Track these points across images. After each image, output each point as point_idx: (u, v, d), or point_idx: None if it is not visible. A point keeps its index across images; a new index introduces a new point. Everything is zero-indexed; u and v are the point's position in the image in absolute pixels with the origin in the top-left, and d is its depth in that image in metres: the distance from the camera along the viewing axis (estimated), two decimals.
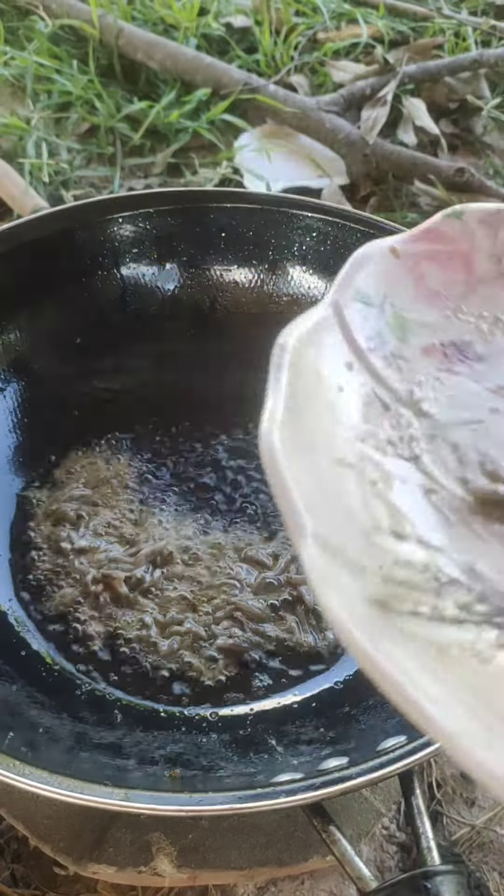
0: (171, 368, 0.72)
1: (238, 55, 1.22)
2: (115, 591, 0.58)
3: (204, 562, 0.60)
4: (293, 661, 0.56)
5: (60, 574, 0.59)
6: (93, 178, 1.07)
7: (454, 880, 0.38)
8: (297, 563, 0.60)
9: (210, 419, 0.70)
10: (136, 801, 0.39)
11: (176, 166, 1.10)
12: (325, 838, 0.41)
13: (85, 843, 0.50)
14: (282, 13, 1.25)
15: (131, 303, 0.72)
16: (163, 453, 0.67)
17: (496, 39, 1.26)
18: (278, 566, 0.59)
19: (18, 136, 1.09)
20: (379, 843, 0.57)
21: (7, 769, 0.39)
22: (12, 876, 0.55)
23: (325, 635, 0.57)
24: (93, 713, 0.51)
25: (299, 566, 0.60)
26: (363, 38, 1.24)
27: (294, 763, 0.46)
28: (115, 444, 0.68)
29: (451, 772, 0.61)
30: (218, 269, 0.72)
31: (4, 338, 0.67)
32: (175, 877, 0.50)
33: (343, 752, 0.44)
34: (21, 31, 1.26)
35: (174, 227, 0.71)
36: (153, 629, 0.56)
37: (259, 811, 0.39)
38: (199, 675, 0.54)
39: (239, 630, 0.56)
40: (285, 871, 0.51)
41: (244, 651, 0.55)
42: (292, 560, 0.60)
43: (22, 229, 0.67)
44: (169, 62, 1.14)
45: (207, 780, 0.45)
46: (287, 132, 1.13)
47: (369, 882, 0.39)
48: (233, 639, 0.56)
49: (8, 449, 0.65)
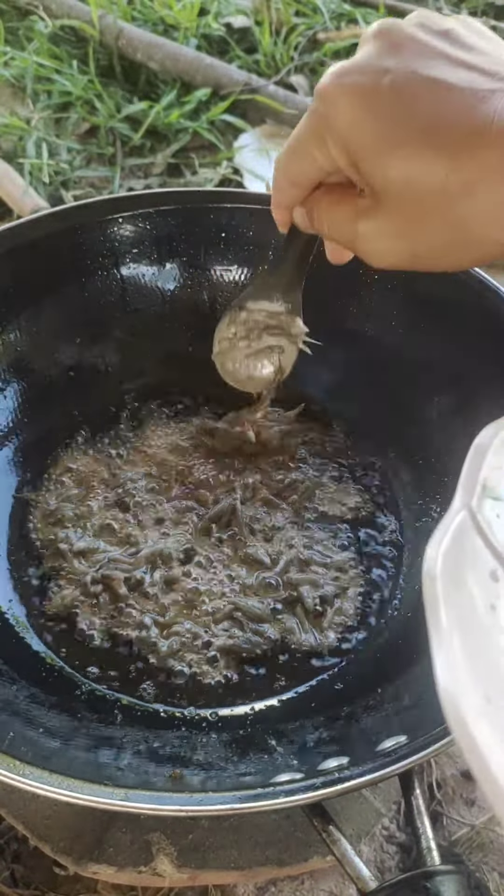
0: (171, 369, 0.72)
1: (238, 55, 1.22)
2: (115, 591, 0.58)
3: (203, 563, 0.60)
4: (293, 661, 0.55)
5: (60, 575, 0.59)
6: (93, 179, 1.07)
7: (454, 880, 0.38)
8: (296, 564, 0.60)
9: (210, 419, 0.70)
10: (136, 801, 0.39)
11: (176, 166, 1.10)
12: (325, 838, 0.41)
13: (85, 843, 0.50)
14: (282, 13, 1.26)
15: (131, 303, 0.72)
16: (164, 454, 0.67)
17: None
18: (278, 566, 0.59)
19: (18, 136, 1.09)
20: (379, 843, 0.57)
21: (7, 769, 0.39)
22: (12, 876, 0.55)
23: (326, 635, 0.57)
24: (93, 713, 0.51)
25: (299, 566, 0.60)
26: None
27: (294, 763, 0.46)
28: (114, 445, 0.68)
29: (451, 772, 0.61)
30: (218, 269, 0.72)
31: (4, 338, 0.67)
32: (175, 877, 0.50)
33: (343, 752, 0.44)
34: (21, 31, 1.26)
35: (174, 227, 0.71)
36: (153, 630, 0.56)
37: (259, 811, 0.39)
38: (198, 676, 0.54)
39: (238, 630, 0.56)
40: (285, 871, 0.51)
41: (244, 651, 0.55)
42: (292, 560, 0.60)
43: (22, 229, 0.67)
44: (169, 62, 1.15)
45: (207, 780, 0.45)
46: (287, 132, 1.13)
47: (369, 882, 0.39)
48: (232, 639, 0.56)
49: (8, 449, 0.66)
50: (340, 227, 0.41)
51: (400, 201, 0.36)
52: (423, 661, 0.53)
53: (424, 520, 0.63)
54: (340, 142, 0.37)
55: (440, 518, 0.30)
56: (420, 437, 0.65)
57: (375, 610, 0.59)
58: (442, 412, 0.64)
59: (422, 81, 0.34)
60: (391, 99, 0.35)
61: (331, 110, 0.37)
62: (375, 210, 0.37)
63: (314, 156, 0.40)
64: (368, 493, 0.66)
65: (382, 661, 0.55)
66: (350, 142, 0.37)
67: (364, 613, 0.58)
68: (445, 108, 0.33)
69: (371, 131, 0.35)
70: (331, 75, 0.37)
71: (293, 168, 0.42)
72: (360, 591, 0.59)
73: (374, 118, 0.35)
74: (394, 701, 0.50)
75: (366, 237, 0.39)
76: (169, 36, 1.21)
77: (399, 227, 0.37)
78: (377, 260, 0.39)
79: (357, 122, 0.36)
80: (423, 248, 0.37)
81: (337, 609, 0.58)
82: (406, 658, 0.54)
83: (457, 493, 0.31)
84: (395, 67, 0.35)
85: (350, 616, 0.58)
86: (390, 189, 0.36)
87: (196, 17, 1.24)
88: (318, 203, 0.43)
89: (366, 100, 0.35)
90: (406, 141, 0.34)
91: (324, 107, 0.37)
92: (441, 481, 0.63)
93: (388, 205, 0.36)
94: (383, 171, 0.36)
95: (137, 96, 1.16)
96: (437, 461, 0.64)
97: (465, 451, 0.33)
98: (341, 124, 0.36)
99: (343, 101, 0.36)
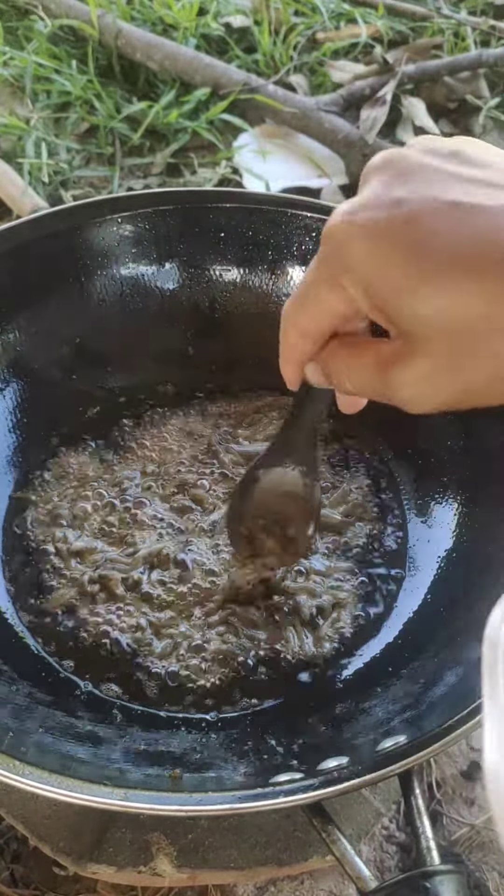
0: (170, 368, 0.72)
1: (237, 55, 1.22)
2: (112, 591, 0.58)
3: (201, 565, 0.60)
4: (292, 661, 0.55)
5: (57, 575, 0.59)
6: (92, 178, 1.07)
7: (453, 880, 0.38)
8: (293, 571, 0.60)
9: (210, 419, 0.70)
10: (136, 801, 0.39)
11: (175, 166, 1.10)
12: (324, 838, 0.41)
13: (85, 843, 0.50)
14: (281, 13, 1.25)
15: (131, 303, 0.72)
16: (163, 454, 0.67)
17: (495, 39, 1.26)
18: (275, 571, 0.59)
19: (18, 136, 1.09)
20: (379, 843, 0.57)
21: (7, 769, 0.39)
22: (12, 876, 0.55)
23: (323, 634, 0.57)
24: (92, 713, 0.51)
25: (296, 573, 0.60)
26: (362, 37, 1.24)
27: (294, 763, 0.46)
28: (113, 445, 0.68)
29: (451, 772, 0.61)
30: (218, 269, 0.72)
31: (4, 338, 0.67)
32: (175, 877, 0.50)
33: (343, 752, 0.44)
34: (20, 31, 1.26)
35: (173, 227, 0.71)
36: (149, 631, 0.56)
37: (259, 811, 0.39)
38: (198, 676, 0.54)
39: (233, 637, 0.56)
40: (285, 871, 0.51)
41: (242, 652, 0.55)
42: (289, 568, 0.59)
43: (21, 229, 0.67)
44: (168, 62, 1.14)
45: (207, 780, 0.45)
46: (286, 132, 1.13)
47: (369, 882, 0.39)
48: (226, 644, 0.56)
49: (7, 449, 0.65)
50: (367, 381, 0.37)
51: (439, 340, 0.32)
52: (423, 661, 0.53)
53: (425, 521, 0.63)
54: (361, 284, 0.34)
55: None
56: (420, 437, 0.65)
57: (375, 612, 0.59)
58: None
59: (441, 207, 0.32)
60: (411, 230, 0.32)
61: (345, 251, 0.34)
62: (411, 354, 0.34)
63: (330, 303, 0.36)
64: (367, 497, 0.65)
65: (382, 661, 0.55)
66: (372, 282, 0.33)
67: (364, 615, 0.58)
68: (473, 231, 0.31)
69: (395, 268, 0.32)
70: (339, 215, 0.34)
71: (305, 318, 0.38)
72: (360, 595, 0.59)
73: (396, 253, 0.32)
74: (393, 701, 0.50)
75: (403, 385, 0.35)
76: (168, 36, 1.21)
77: (440, 367, 0.33)
78: (420, 406, 0.35)
79: (377, 259, 0.33)
80: (471, 385, 0.33)
81: (334, 617, 0.58)
82: (406, 658, 0.54)
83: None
84: (408, 197, 0.32)
85: (348, 623, 0.58)
86: (425, 328, 0.32)
87: (195, 17, 1.24)
88: (333, 357, 0.39)
89: (383, 235, 0.32)
90: (436, 273, 0.31)
91: (336, 249, 0.34)
92: (440, 481, 0.63)
93: (426, 345, 0.33)
94: (414, 309, 0.32)
95: (136, 96, 1.16)
96: (436, 462, 0.64)
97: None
98: (359, 265, 0.33)
99: (358, 240, 0.33)
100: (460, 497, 0.62)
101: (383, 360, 0.35)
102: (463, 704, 0.42)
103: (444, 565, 0.59)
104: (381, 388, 0.36)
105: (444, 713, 0.43)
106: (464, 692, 0.45)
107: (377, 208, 0.33)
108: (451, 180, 0.32)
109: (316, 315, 0.37)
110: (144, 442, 0.68)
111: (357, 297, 0.35)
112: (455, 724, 0.41)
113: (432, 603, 0.58)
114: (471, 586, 0.56)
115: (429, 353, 0.33)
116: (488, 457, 0.61)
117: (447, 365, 0.33)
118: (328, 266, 0.35)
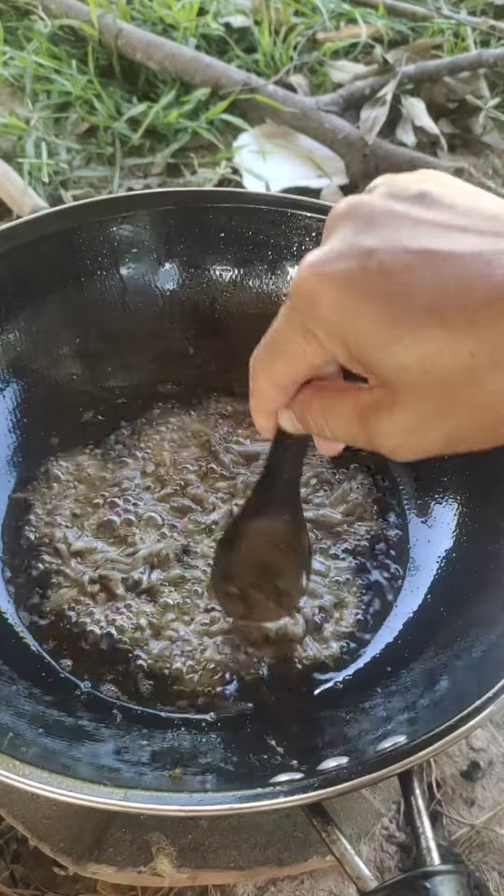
0: (170, 368, 0.72)
1: (237, 55, 1.22)
2: (112, 592, 0.58)
3: (201, 565, 0.60)
4: (292, 662, 0.55)
5: (57, 575, 0.59)
6: (92, 179, 1.07)
7: (453, 880, 0.38)
8: None
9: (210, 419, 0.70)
10: (136, 801, 0.39)
11: (175, 166, 1.10)
12: (324, 838, 0.41)
13: (85, 843, 0.50)
14: (281, 13, 1.26)
15: (131, 303, 0.72)
16: (163, 454, 0.67)
17: (495, 39, 1.26)
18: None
19: (18, 136, 1.09)
20: (379, 843, 0.57)
21: (7, 769, 0.39)
22: (12, 876, 0.55)
23: (323, 635, 0.57)
24: (92, 713, 0.51)
25: None
26: (362, 38, 1.24)
27: (294, 763, 0.46)
28: (113, 445, 0.68)
29: (451, 772, 0.61)
30: (218, 269, 0.72)
31: (4, 338, 0.67)
32: (175, 877, 0.50)
33: (343, 752, 0.44)
34: (20, 31, 1.26)
35: (174, 227, 0.71)
36: (149, 631, 0.56)
37: (259, 811, 0.39)
38: (197, 676, 0.54)
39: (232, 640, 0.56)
40: (285, 871, 0.51)
41: (241, 653, 0.55)
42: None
43: (21, 229, 0.67)
44: (168, 62, 1.14)
45: (207, 780, 0.45)
46: (286, 132, 1.13)
47: (369, 882, 0.39)
48: (227, 643, 0.56)
49: (7, 449, 0.65)
50: (347, 430, 0.36)
51: (422, 389, 0.32)
52: (423, 661, 0.53)
53: (425, 521, 0.63)
54: (337, 335, 0.33)
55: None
56: None
57: (375, 612, 0.59)
58: None
59: (413, 256, 0.31)
60: (384, 280, 0.31)
61: (318, 303, 0.33)
62: (392, 404, 0.33)
63: (303, 351, 0.35)
64: (367, 497, 0.65)
65: (382, 661, 0.55)
66: (349, 334, 0.32)
67: (364, 615, 0.58)
68: (448, 280, 0.30)
69: (372, 319, 0.31)
70: (307, 268, 0.33)
71: (279, 369, 0.37)
72: (361, 596, 0.59)
73: (372, 305, 0.31)
74: (393, 701, 0.50)
75: (387, 435, 0.34)
76: (168, 36, 1.21)
77: (424, 417, 0.32)
78: (405, 455, 0.34)
79: (353, 311, 0.32)
80: (456, 433, 0.33)
81: (336, 617, 0.58)
82: (406, 658, 0.54)
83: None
84: (379, 246, 0.32)
85: (350, 624, 0.58)
86: (407, 378, 0.32)
87: (195, 17, 1.24)
88: (309, 406, 0.38)
89: (358, 286, 0.32)
90: (415, 325, 0.31)
91: (308, 301, 0.33)
92: (440, 481, 0.63)
93: (408, 395, 0.32)
94: (395, 359, 0.31)
95: (137, 96, 1.16)
96: (436, 461, 0.64)
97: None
98: (334, 316, 0.32)
99: (331, 292, 0.32)
100: (460, 497, 0.62)
101: (364, 410, 0.34)
102: (463, 704, 0.42)
103: (444, 565, 0.59)
104: (364, 437, 0.35)
105: (444, 713, 0.43)
106: (464, 692, 0.45)
107: (348, 258, 0.32)
108: (419, 226, 0.32)
109: (290, 365, 0.37)
110: (144, 441, 0.68)
111: (333, 349, 0.34)
112: (455, 724, 0.41)
113: (432, 603, 0.58)
114: (471, 586, 0.56)
115: (412, 403, 0.32)
116: (488, 457, 0.60)
117: (431, 414, 0.32)
118: (300, 317, 0.34)
